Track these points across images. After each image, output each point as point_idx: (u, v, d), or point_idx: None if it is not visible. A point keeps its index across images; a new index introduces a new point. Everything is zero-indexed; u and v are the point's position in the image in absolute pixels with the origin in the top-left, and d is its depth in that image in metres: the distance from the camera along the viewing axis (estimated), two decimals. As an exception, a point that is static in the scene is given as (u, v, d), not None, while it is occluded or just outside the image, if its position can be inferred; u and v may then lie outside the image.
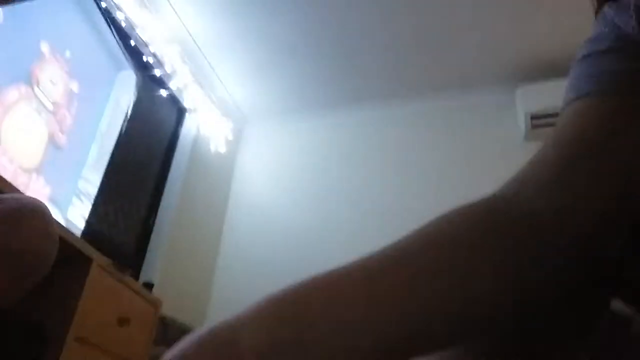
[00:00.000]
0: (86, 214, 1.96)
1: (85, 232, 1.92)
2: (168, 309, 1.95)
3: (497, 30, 2.32)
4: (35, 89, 1.73)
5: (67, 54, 1.90)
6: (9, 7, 1.58)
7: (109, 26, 2.10)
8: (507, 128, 2.48)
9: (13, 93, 1.65)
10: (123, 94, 2.23)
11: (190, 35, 2.46)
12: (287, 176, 2.81)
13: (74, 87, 1.93)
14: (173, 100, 2.57)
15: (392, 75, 2.64)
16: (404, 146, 2.66)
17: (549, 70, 2.40)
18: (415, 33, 2.38)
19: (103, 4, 2.09)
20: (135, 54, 2.30)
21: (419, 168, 2.56)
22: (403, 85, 2.69)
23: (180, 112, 2.67)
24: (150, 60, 2.35)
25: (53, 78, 1.82)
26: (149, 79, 2.39)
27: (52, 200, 1.76)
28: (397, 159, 2.63)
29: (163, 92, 2.46)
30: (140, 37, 2.28)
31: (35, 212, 0.81)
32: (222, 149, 2.76)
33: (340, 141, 2.81)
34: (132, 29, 2.24)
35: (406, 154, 2.63)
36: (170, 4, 2.32)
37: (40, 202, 0.86)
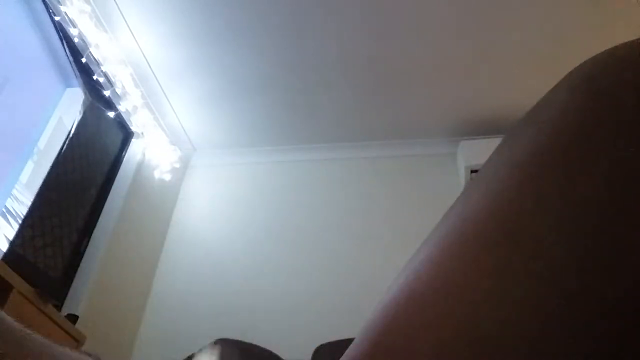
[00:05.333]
0: (11, 236, 1.82)
1: (7, 256, 1.77)
2: (92, 346, 1.81)
3: (445, 87, 2.46)
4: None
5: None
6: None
7: (61, 40, 2.03)
8: (447, 180, 2.59)
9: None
10: (68, 112, 2.14)
11: (145, 58, 2.42)
12: (231, 210, 2.75)
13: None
14: (120, 122, 2.49)
15: (340, 121, 2.70)
16: (346, 189, 2.70)
17: (490, 127, 2.54)
18: (367, 83, 2.46)
19: (57, 18, 2.03)
20: (85, 72, 2.23)
21: (359, 211, 2.60)
22: (350, 131, 2.76)
23: (127, 135, 2.58)
24: (101, 79, 2.29)
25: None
26: (97, 98, 2.31)
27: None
28: (338, 201, 2.67)
29: (111, 114, 2.38)
30: (92, 55, 2.22)
31: None
32: (167, 177, 2.69)
33: (286, 180, 2.81)
34: (85, 46, 2.18)
35: (348, 197, 2.67)
36: (128, 26, 2.28)
37: None
